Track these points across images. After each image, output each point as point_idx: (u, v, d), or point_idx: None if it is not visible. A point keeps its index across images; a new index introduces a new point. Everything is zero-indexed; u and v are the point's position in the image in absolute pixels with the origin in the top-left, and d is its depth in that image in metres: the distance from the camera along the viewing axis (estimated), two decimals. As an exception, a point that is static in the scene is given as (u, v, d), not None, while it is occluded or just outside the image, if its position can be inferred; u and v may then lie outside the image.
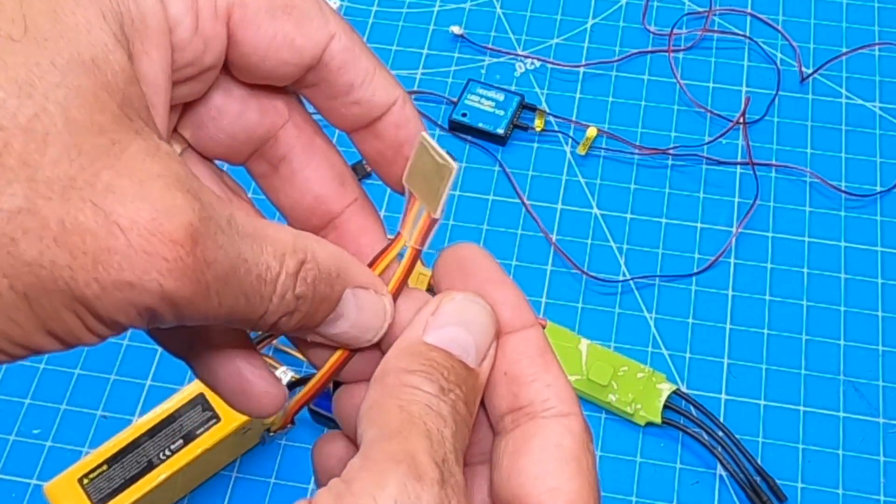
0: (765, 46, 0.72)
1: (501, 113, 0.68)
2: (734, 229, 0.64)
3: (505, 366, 0.26)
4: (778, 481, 0.54)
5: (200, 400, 0.53)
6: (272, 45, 0.25)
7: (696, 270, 0.62)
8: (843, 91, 0.70)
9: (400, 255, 0.27)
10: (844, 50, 0.71)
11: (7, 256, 0.20)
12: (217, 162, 0.29)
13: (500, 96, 0.68)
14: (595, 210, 0.65)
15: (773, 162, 0.66)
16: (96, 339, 0.22)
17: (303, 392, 0.28)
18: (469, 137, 0.68)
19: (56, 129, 0.20)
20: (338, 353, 0.27)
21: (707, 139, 0.67)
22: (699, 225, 0.64)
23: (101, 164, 0.20)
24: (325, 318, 0.25)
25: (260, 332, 0.26)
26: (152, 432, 0.52)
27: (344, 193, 0.29)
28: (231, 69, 0.26)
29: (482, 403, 0.26)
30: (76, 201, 0.20)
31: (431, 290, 0.55)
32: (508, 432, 0.26)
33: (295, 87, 0.27)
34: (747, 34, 0.72)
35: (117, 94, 0.21)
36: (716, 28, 0.73)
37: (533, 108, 0.68)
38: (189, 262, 0.21)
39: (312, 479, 0.55)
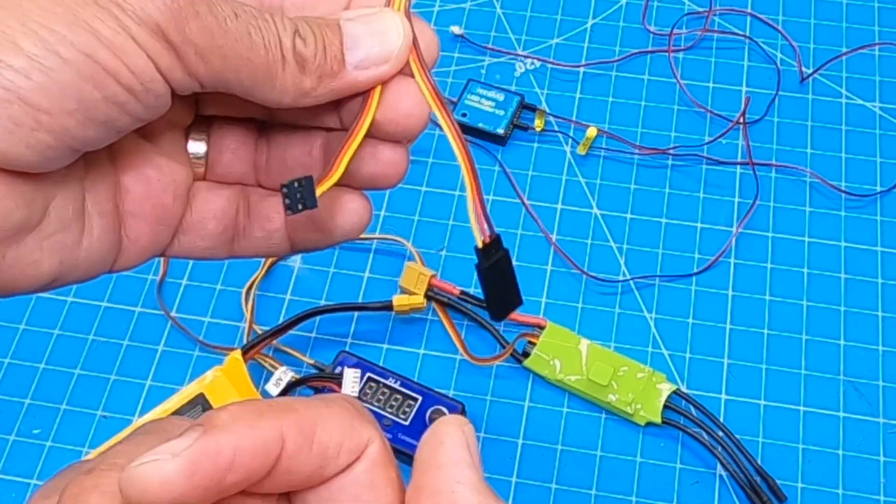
0: (765, 46, 0.72)
1: (501, 113, 0.68)
2: (734, 229, 0.64)
3: None
4: (778, 481, 0.54)
5: (200, 400, 0.53)
6: None
7: (696, 270, 0.62)
8: (843, 91, 0.70)
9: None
10: (844, 50, 0.71)
11: None
12: None
13: (500, 96, 0.68)
14: (595, 210, 0.65)
15: (773, 162, 0.66)
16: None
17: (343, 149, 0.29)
18: (469, 137, 0.68)
19: None
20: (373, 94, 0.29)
21: (707, 139, 0.67)
22: (699, 225, 0.64)
23: None
24: (341, 47, 0.27)
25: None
26: (152, 432, 0.52)
27: None
28: None
29: None
30: None
31: (431, 289, 0.55)
32: None
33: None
34: (747, 34, 0.72)
35: None
36: (716, 28, 0.73)
37: (533, 108, 0.68)
38: None
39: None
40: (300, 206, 0.28)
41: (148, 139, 0.30)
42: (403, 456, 0.55)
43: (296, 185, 0.28)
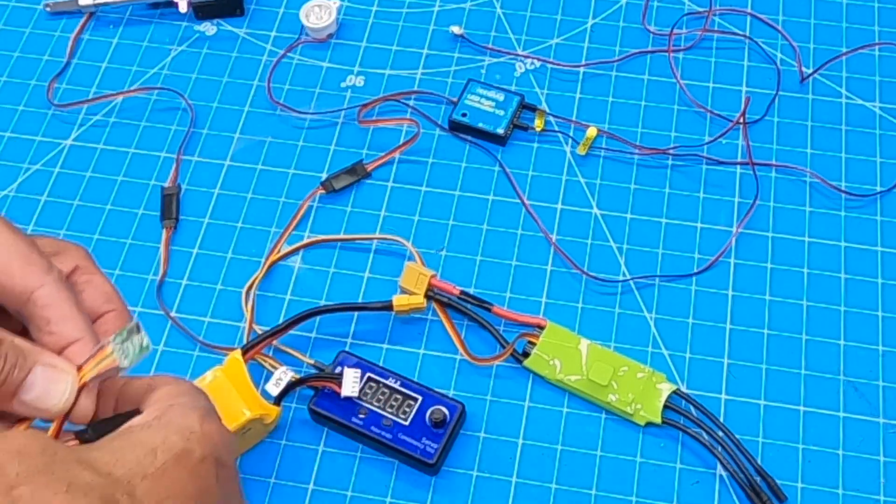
0: (765, 46, 0.72)
1: (501, 113, 0.68)
2: (734, 229, 0.64)
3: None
4: (778, 481, 0.54)
5: (200, 400, 0.53)
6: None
7: (696, 270, 0.62)
8: (843, 91, 0.70)
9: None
10: (844, 50, 0.71)
11: None
12: None
13: (500, 96, 0.68)
14: (595, 210, 0.65)
15: (773, 162, 0.66)
16: None
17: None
18: (469, 137, 0.68)
19: None
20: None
21: (707, 139, 0.67)
22: (699, 225, 0.64)
23: None
24: (21, 382, 0.35)
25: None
26: (152, 432, 0.52)
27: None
28: None
29: None
30: None
31: (431, 289, 0.56)
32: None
33: (22, 314, 0.37)
34: (747, 34, 0.72)
35: None
36: (716, 28, 0.73)
37: (533, 108, 0.68)
38: None
39: (313, 479, 0.55)
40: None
41: None
42: (404, 456, 0.55)
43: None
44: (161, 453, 0.33)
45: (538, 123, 0.67)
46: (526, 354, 0.58)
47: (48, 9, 0.75)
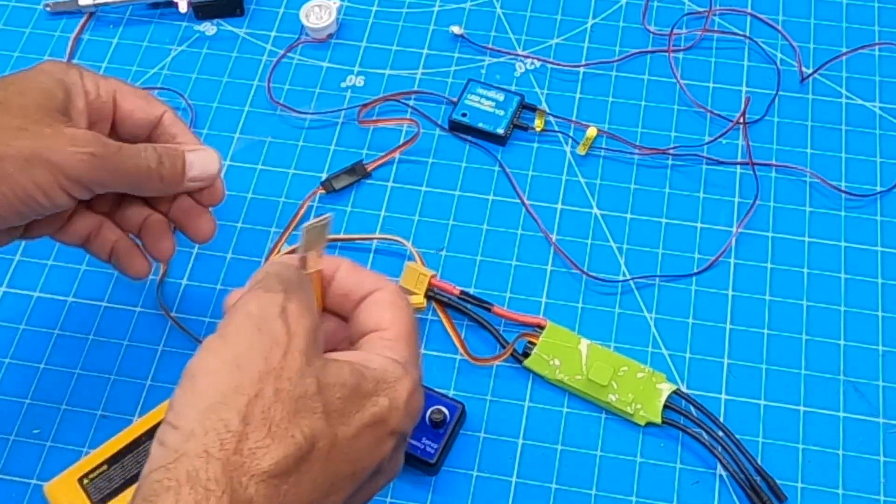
0: (765, 46, 0.72)
1: (501, 113, 0.68)
2: (734, 229, 0.64)
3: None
4: (778, 481, 0.54)
5: (200, 400, 0.53)
6: (135, 109, 0.51)
7: (696, 270, 0.62)
8: (843, 91, 0.70)
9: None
10: (844, 50, 0.71)
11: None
12: None
13: (500, 96, 0.68)
14: (595, 210, 0.65)
15: (773, 162, 0.66)
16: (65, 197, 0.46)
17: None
18: (469, 137, 0.68)
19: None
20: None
21: (707, 139, 0.67)
22: (699, 225, 0.64)
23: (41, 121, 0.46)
24: (182, 166, 0.49)
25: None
26: (152, 432, 0.52)
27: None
28: (118, 126, 0.51)
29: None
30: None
31: (431, 289, 0.56)
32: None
33: (151, 137, 0.52)
34: (747, 34, 0.72)
35: (58, 106, 0.47)
36: (716, 28, 0.73)
37: (533, 108, 0.68)
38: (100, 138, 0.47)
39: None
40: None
41: None
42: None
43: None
44: (367, 411, 0.38)
45: (538, 123, 0.67)
46: (526, 354, 0.58)
47: (48, 9, 0.75)
